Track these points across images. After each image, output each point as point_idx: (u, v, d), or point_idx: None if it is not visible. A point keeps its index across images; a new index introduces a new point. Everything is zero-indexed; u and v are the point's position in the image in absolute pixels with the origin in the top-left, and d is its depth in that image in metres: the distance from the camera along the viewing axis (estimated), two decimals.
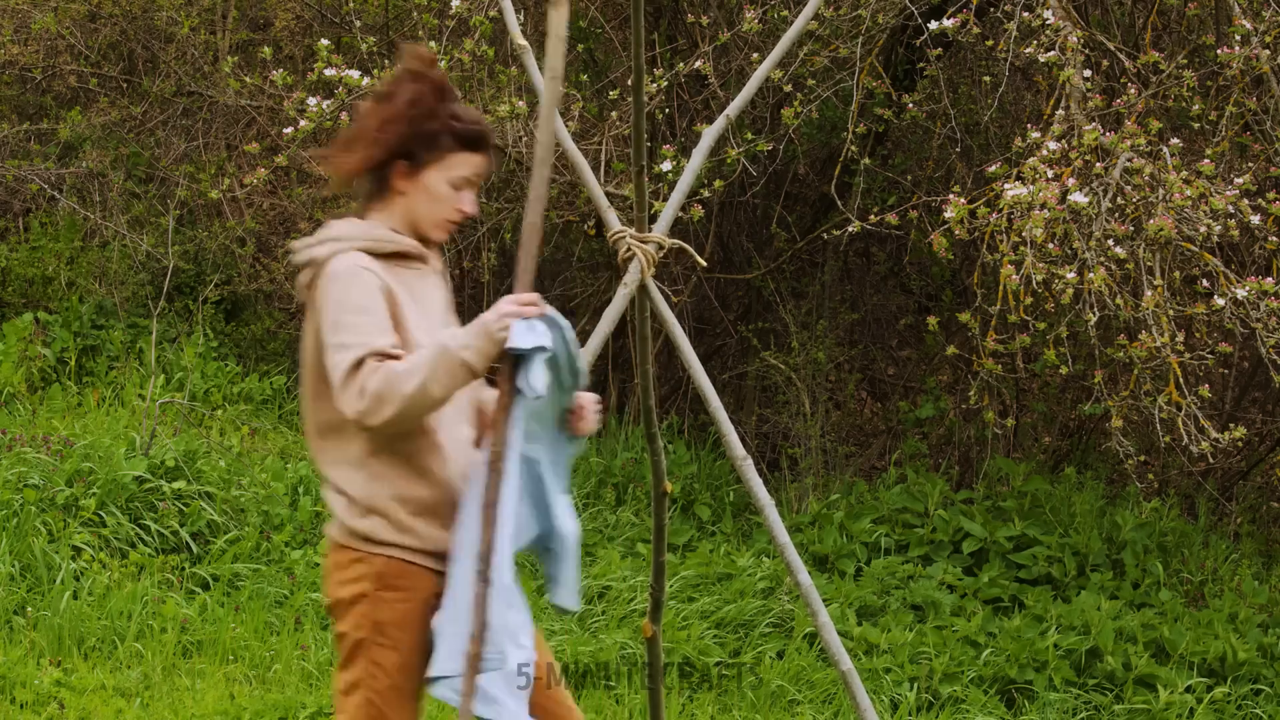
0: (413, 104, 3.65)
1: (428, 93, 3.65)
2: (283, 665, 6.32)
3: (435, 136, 3.65)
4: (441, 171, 3.68)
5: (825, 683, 6.74)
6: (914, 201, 8.28)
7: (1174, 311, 6.84)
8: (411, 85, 3.67)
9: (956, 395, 9.49)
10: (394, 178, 3.69)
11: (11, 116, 9.86)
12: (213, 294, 9.49)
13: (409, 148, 3.65)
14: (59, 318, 9.10)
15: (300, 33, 9.81)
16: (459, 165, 3.68)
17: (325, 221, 3.86)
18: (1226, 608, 7.66)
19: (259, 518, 7.22)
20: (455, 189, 3.70)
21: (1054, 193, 6.55)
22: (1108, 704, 6.93)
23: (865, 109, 8.14)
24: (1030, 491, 8.33)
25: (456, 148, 3.67)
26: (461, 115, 3.68)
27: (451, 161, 3.67)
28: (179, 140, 9.94)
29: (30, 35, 9.70)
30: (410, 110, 3.64)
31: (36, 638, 6.25)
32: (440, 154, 3.66)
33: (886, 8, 7.96)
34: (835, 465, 9.04)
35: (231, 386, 8.96)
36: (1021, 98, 9.21)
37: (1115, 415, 7.18)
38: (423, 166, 3.67)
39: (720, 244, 9.61)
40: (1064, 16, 7.21)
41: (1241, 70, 7.20)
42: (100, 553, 6.80)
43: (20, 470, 7.09)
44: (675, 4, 9.23)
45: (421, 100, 3.65)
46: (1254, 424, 9.56)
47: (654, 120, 8.73)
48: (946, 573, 7.71)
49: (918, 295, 10.06)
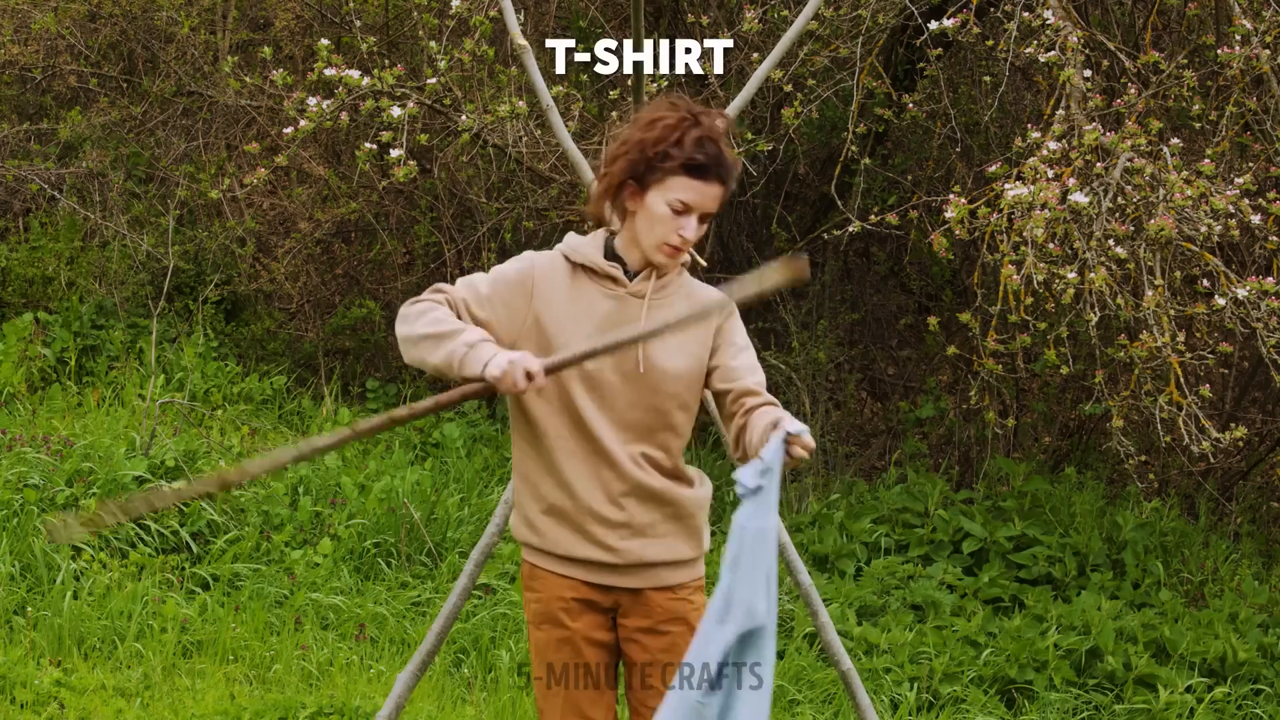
0: (650, 127, 3.69)
1: (672, 120, 3.68)
2: (283, 665, 6.32)
3: (661, 159, 3.67)
4: (661, 193, 3.70)
5: (825, 683, 6.74)
6: (914, 201, 8.28)
7: (1174, 311, 6.84)
8: (660, 112, 3.71)
9: (956, 395, 9.49)
10: (625, 198, 3.76)
11: (11, 116, 9.86)
12: (213, 294, 9.49)
13: (638, 170, 3.70)
14: (59, 318, 9.10)
15: (300, 33, 9.81)
16: (679, 189, 3.68)
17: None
18: (1227, 608, 7.66)
19: (259, 518, 7.22)
20: (675, 212, 3.71)
21: (1054, 193, 6.55)
22: (1108, 704, 6.93)
23: (865, 109, 8.14)
24: (1030, 491, 8.33)
25: (679, 171, 3.67)
26: (694, 141, 3.67)
27: (672, 184, 3.68)
28: (179, 140, 9.94)
29: (30, 35, 9.70)
30: (646, 134, 3.69)
31: (36, 638, 6.25)
32: (662, 176, 3.68)
33: (886, 8, 7.96)
34: (835, 465, 9.05)
35: (231, 386, 8.95)
36: (1021, 98, 9.21)
37: (1116, 415, 7.18)
38: (647, 188, 3.71)
39: (720, 244, 9.62)
40: (1064, 16, 7.20)
41: (1241, 70, 7.20)
42: (100, 553, 6.80)
43: (20, 470, 7.09)
44: (675, 4, 9.24)
45: (661, 125, 3.68)
46: (1254, 424, 9.56)
47: None
48: (946, 573, 7.71)
49: (918, 295, 10.06)
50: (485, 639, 6.62)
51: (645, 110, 3.78)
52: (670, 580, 3.88)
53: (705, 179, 3.68)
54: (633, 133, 3.73)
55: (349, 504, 7.42)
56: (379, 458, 8.27)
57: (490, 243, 9.26)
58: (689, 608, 3.88)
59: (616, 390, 3.76)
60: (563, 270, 3.80)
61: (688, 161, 3.66)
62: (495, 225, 9.22)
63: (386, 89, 7.43)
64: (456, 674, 6.51)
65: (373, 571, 7.16)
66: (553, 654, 3.92)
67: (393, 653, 6.55)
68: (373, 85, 7.38)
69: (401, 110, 7.34)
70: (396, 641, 6.64)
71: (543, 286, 3.77)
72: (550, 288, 3.78)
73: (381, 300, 9.84)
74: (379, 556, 7.21)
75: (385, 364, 9.74)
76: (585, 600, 3.90)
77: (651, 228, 3.73)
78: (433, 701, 6.19)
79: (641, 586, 3.87)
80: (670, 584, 3.88)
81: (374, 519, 7.32)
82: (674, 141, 3.66)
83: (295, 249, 9.59)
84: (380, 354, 9.79)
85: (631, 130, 3.75)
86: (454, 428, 8.67)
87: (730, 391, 3.80)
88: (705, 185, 3.69)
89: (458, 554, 7.26)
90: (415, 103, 7.74)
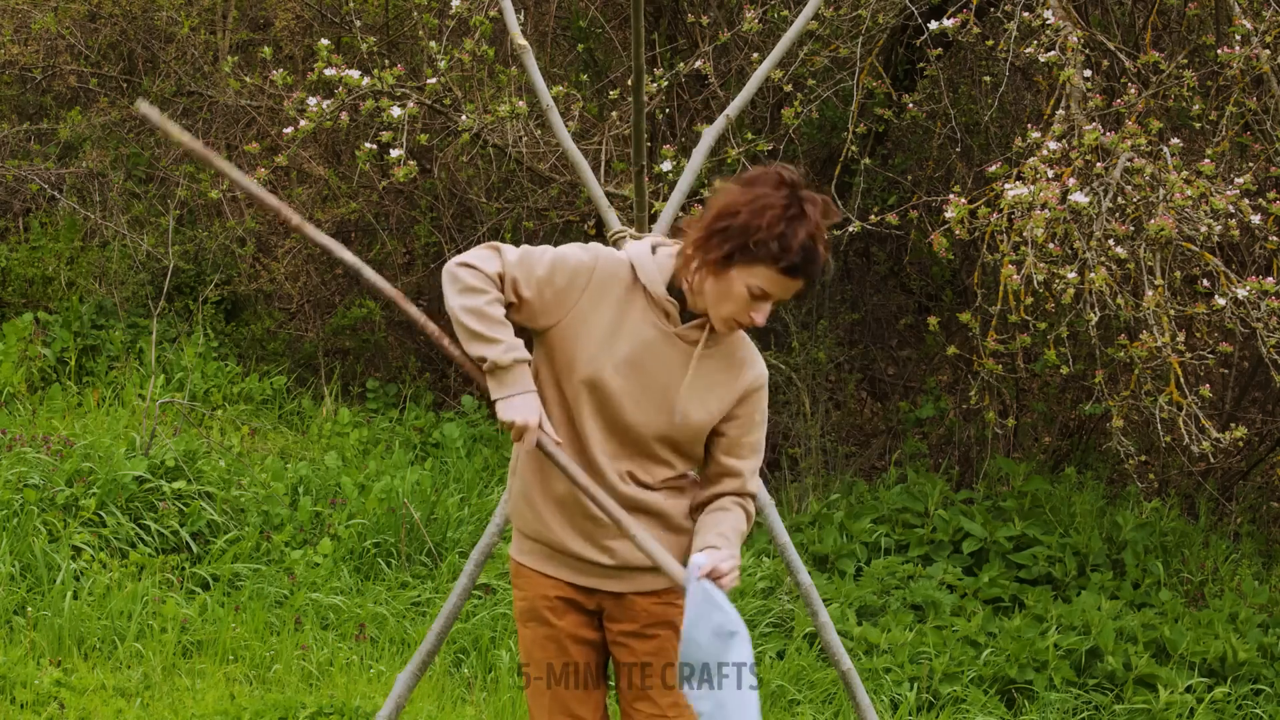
0: (757, 212, 3.59)
1: (778, 208, 3.59)
2: (283, 665, 6.32)
3: (759, 248, 3.59)
4: (745, 276, 3.64)
5: (825, 683, 6.74)
6: (914, 201, 8.28)
7: (1174, 311, 6.84)
8: (768, 194, 3.61)
9: (956, 395, 9.49)
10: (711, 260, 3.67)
11: (11, 116, 9.86)
12: (213, 294, 9.49)
13: (729, 250, 3.62)
14: (59, 318, 9.10)
15: (300, 33, 9.81)
16: (766, 280, 3.62)
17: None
18: (1226, 608, 7.67)
19: (259, 518, 7.22)
20: (752, 296, 3.66)
21: (1054, 193, 6.55)
22: (1108, 704, 6.93)
23: (865, 109, 8.14)
24: (1030, 491, 8.33)
25: (772, 265, 3.60)
26: (800, 244, 3.59)
27: (760, 273, 3.61)
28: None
29: (30, 35, 9.70)
30: (752, 219, 3.58)
31: (36, 638, 6.25)
32: (750, 263, 3.61)
33: (886, 8, 7.96)
34: (835, 465, 9.05)
35: (231, 386, 8.96)
36: (1021, 98, 9.21)
37: (1116, 415, 7.18)
38: (732, 265, 3.64)
39: None
40: (1064, 16, 7.21)
41: (1241, 70, 7.20)
42: (100, 553, 6.80)
43: (20, 470, 7.09)
44: (675, 4, 9.24)
45: (769, 214, 3.58)
46: (1254, 424, 9.56)
47: (654, 120, 8.73)
48: (946, 573, 7.71)
49: (918, 295, 10.06)
50: (485, 639, 6.62)
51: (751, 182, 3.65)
52: (654, 585, 3.87)
53: (794, 277, 3.63)
54: (737, 207, 3.61)
55: (349, 504, 7.42)
56: (379, 458, 8.27)
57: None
58: (675, 611, 3.87)
59: (625, 416, 3.75)
60: (623, 280, 3.74)
61: (780, 258, 3.59)
62: (495, 225, 9.22)
63: (386, 89, 7.43)
64: (456, 674, 6.51)
65: (373, 571, 7.16)
66: (539, 652, 3.93)
67: (393, 653, 6.55)
68: (373, 85, 7.38)
69: (401, 110, 7.34)
70: (396, 641, 6.64)
71: (598, 288, 3.72)
72: (604, 292, 3.72)
73: (381, 300, 9.84)
74: (379, 556, 7.21)
75: (385, 364, 9.74)
76: (569, 600, 3.90)
77: (724, 301, 3.67)
78: (433, 701, 6.19)
79: (624, 590, 3.87)
80: (654, 589, 3.87)
81: (374, 519, 7.32)
82: (778, 236, 3.56)
83: (295, 249, 9.59)
84: (380, 354, 9.79)
85: (734, 200, 3.63)
86: (454, 428, 8.67)
87: (719, 463, 3.83)
88: (791, 281, 3.64)
89: (458, 554, 7.26)
90: (415, 103, 7.74)
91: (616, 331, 3.72)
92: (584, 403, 3.74)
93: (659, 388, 3.74)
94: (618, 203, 7.59)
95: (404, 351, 9.88)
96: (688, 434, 3.78)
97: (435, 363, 9.94)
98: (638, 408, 3.73)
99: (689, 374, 3.74)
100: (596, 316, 3.71)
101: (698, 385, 3.76)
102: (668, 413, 3.74)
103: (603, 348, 3.71)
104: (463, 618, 6.73)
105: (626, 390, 3.72)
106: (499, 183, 9.31)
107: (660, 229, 4.88)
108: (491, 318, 3.64)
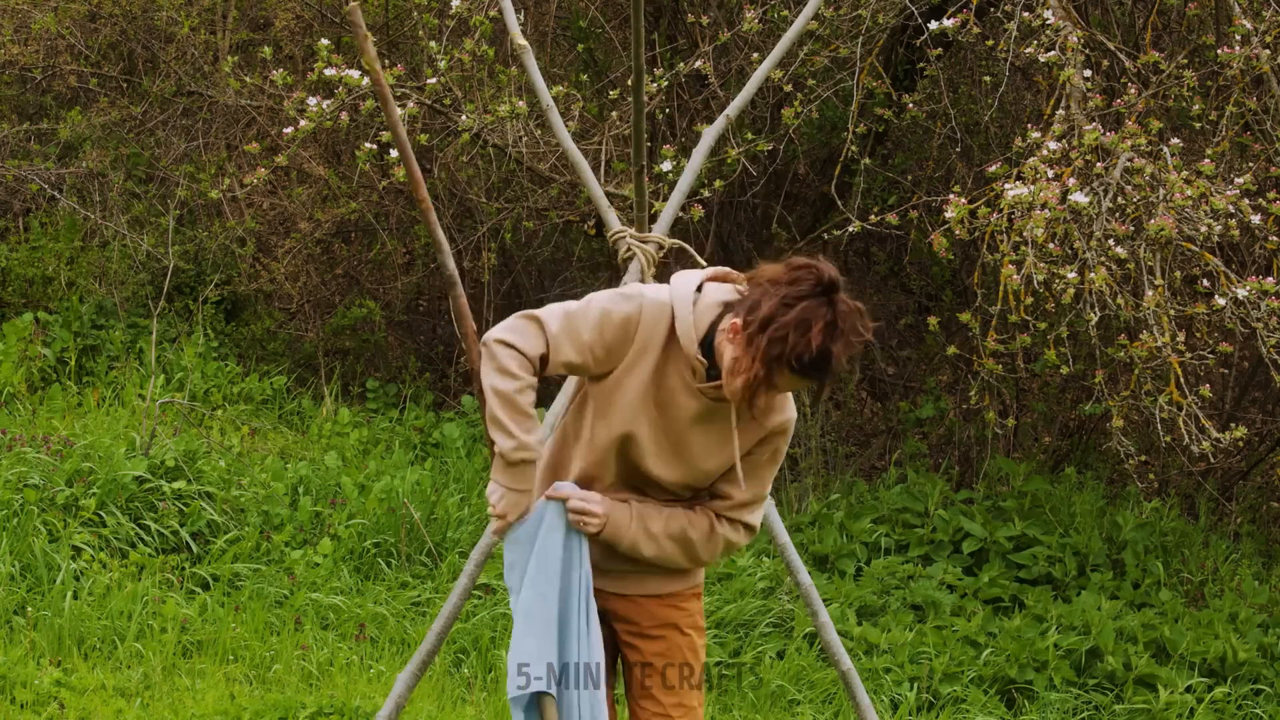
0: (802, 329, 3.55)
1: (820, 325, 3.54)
2: (283, 665, 6.32)
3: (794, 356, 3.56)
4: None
5: (825, 683, 6.74)
6: (914, 201, 8.28)
7: (1174, 311, 6.84)
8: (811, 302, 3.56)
9: (956, 395, 9.49)
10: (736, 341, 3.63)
11: (11, 116, 9.86)
12: (213, 294, 9.49)
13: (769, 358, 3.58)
14: (59, 318, 9.10)
15: (300, 33, 9.81)
16: (785, 380, 3.62)
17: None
18: (1226, 608, 7.66)
19: (259, 518, 7.22)
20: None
21: (1054, 193, 6.55)
22: (1108, 704, 6.93)
23: (865, 109, 8.14)
24: (1030, 491, 8.33)
25: (797, 370, 3.58)
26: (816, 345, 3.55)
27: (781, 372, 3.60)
28: (179, 140, 9.94)
29: (30, 35, 9.69)
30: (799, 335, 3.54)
31: (36, 638, 6.25)
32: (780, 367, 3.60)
33: (886, 8, 7.96)
34: (835, 465, 9.04)
35: (231, 386, 8.95)
36: (1021, 98, 9.21)
37: (1116, 415, 7.18)
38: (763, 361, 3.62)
39: (720, 244, 9.61)
40: (1064, 16, 7.21)
41: (1241, 70, 7.20)
42: (100, 553, 6.80)
43: (20, 470, 7.09)
44: (675, 4, 9.24)
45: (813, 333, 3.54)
46: (1254, 424, 9.56)
47: (654, 120, 8.73)
48: (946, 573, 7.71)
49: (918, 295, 10.06)
50: (485, 639, 6.62)
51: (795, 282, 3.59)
52: (662, 589, 3.90)
53: (809, 378, 3.63)
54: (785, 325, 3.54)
55: (349, 504, 7.42)
56: (379, 458, 8.27)
57: (490, 243, 9.26)
58: (680, 614, 3.91)
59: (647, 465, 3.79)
60: (664, 328, 3.71)
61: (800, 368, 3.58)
62: (495, 225, 9.21)
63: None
64: (456, 674, 6.51)
65: (373, 571, 7.16)
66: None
67: (393, 653, 6.55)
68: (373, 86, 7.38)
69: (401, 110, 7.34)
70: (396, 641, 6.64)
71: (644, 339, 3.71)
72: (648, 343, 3.71)
73: (381, 300, 9.84)
74: (379, 556, 7.21)
75: (385, 364, 9.74)
76: None
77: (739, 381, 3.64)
78: (433, 701, 6.19)
79: (632, 593, 3.90)
80: (661, 592, 3.90)
81: (374, 519, 7.32)
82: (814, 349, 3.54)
83: (295, 249, 9.58)
84: (380, 354, 9.79)
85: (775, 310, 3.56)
86: (454, 428, 8.67)
87: (715, 487, 3.86)
88: (806, 380, 3.64)
89: (458, 554, 7.26)
90: (415, 103, 7.74)
91: (656, 385, 3.73)
92: (612, 447, 3.77)
93: (685, 443, 3.77)
94: (618, 203, 7.58)
95: (404, 351, 9.88)
96: (705, 481, 3.84)
97: (435, 363, 9.94)
98: (660, 461, 3.78)
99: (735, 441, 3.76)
100: (640, 368, 3.72)
101: (723, 440, 3.78)
102: (688, 466, 3.79)
103: (642, 403, 3.73)
104: (463, 618, 6.73)
105: (653, 450, 3.76)
106: (499, 183, 9.31)
107: (660, 229, 4.88)
108: (517, 407, 3.66)
